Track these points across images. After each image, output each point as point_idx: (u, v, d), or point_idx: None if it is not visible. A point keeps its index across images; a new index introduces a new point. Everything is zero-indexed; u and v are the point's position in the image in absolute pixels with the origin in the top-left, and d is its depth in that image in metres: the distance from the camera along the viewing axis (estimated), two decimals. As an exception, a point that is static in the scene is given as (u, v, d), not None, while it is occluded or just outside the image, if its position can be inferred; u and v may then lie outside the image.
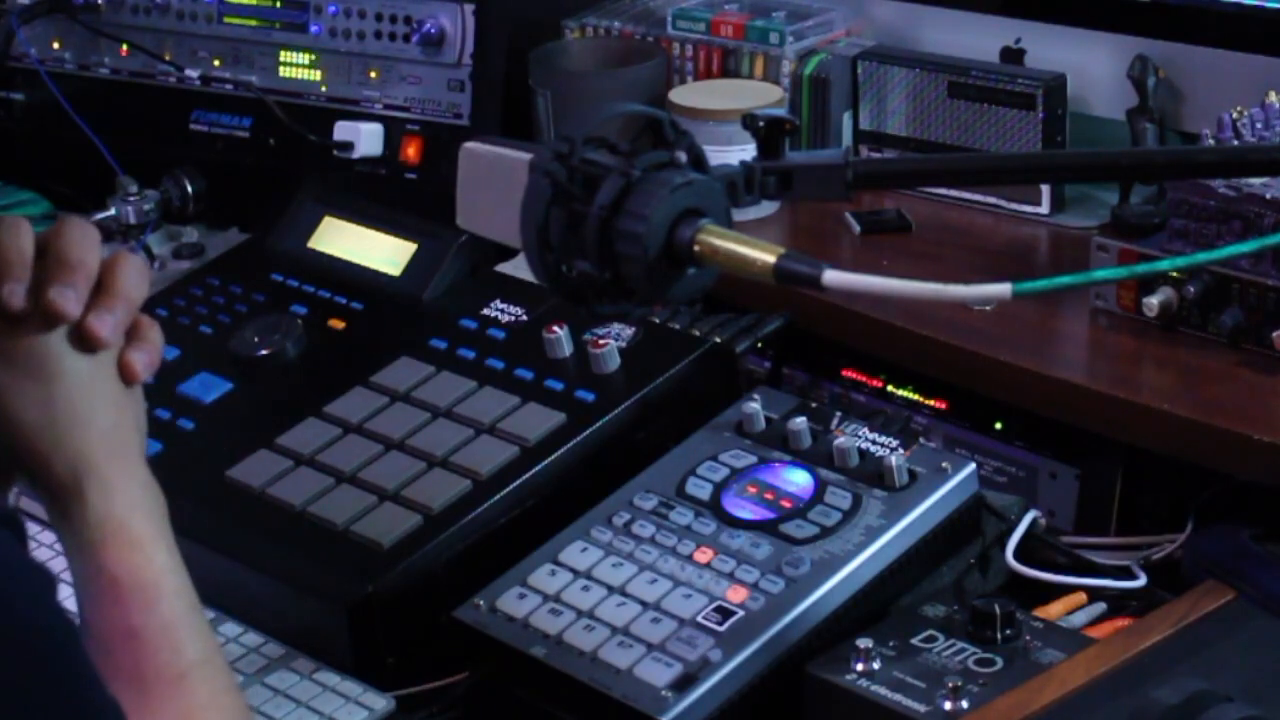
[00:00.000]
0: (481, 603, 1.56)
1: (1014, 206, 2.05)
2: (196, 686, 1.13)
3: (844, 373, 1.94)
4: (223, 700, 1.15)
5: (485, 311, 1.86)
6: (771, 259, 1.16)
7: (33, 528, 1.84)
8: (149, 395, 1.91)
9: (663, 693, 1.44)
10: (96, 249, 1.12)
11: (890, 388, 1.91)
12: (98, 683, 1.05)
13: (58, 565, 1.64)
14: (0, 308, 1.08)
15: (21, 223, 1.11)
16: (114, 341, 1.13)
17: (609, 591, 1.54)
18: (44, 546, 1.81)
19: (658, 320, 1.79)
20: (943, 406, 1.87)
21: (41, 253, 1.11)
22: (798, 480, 1.60)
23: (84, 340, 1.11)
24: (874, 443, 1.61)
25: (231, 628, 1.61)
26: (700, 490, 1.62)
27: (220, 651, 1.17)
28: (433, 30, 2.22)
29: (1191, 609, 1.50)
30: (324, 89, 2.31)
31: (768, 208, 2.06)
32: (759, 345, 1.79)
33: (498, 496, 1.64)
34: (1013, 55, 2.11)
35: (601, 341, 1.75)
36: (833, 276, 1.14)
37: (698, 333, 1.77)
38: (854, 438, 1.62)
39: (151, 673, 1.12)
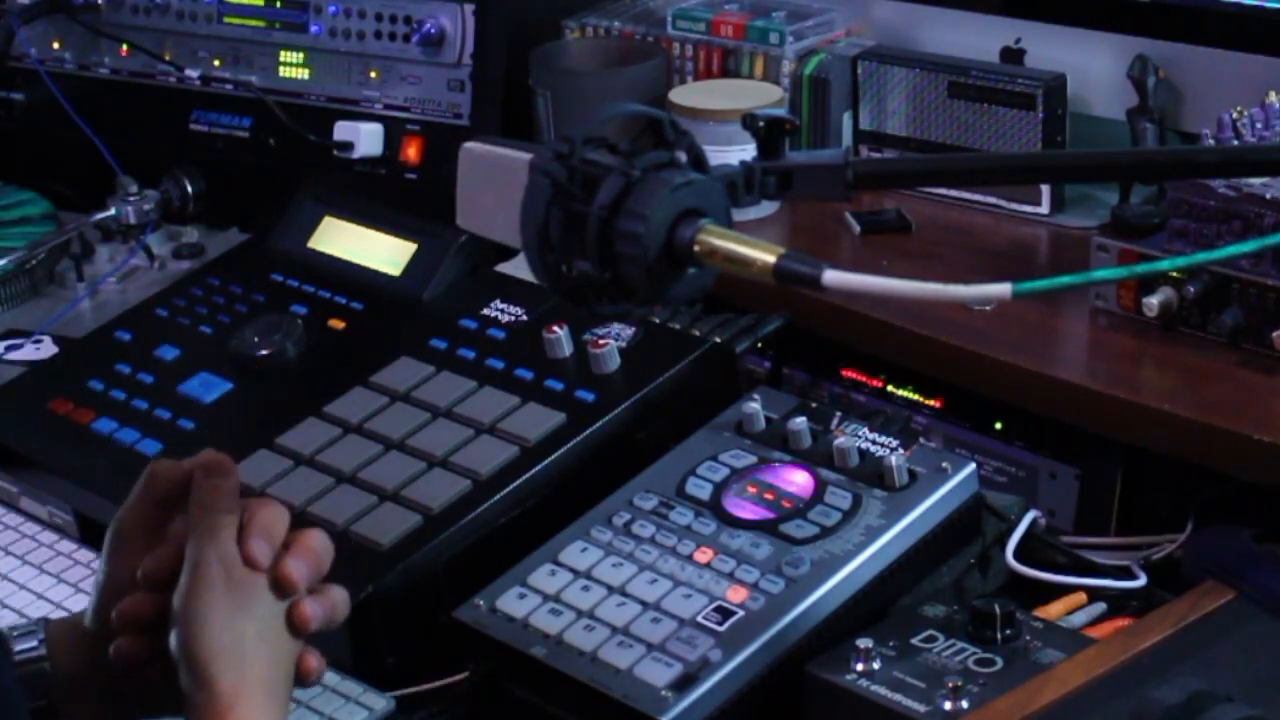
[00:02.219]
0: (481, 603, 1.56)
1: (1014, 206, 2.05)
2: None
3: (844, 373, 1.94)
4: None
5: (485, 311, 1.86)
6: (771, 259, 1.16)
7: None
8: (150, 394, 1.92)
9: (663, 693, 1.44)
10: (329, 561, 1.34)
11: (890, 388, 1.91)
12: None
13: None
14: (248, 558, 1.29)
15: (283, 510, 1.33)
16: (308, 631, 1.32)
17: (609, 591, 1.54)
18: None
19: (658, 320, 1.79)
20: (943, 406, 1.87)
21: (288, 541, 1.32)
22: (798, 480, 1.60)
23: (292, 620, 1.30)
24: (874, 443, 1.61)
25: (231, 628, 1.61)
26: (700, 490, 1.62)
27: None
28: (433, 30, 2.22)
29: (1191, 609, 1.50)
30: (324, 89, 2.31)
31: (768, 208, 2.06)
32: (759, 345, 1.79)
33: (498, 496, 1.64)
34: (1013, 55, 2.11)
35: (601, 341, 1.75)
36: (833, 276, 1.14)
37: (698, 333, 1.77)
38: (854, 438, 1.62)
39: None
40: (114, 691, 1.35)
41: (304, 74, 2.33)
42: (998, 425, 1.83)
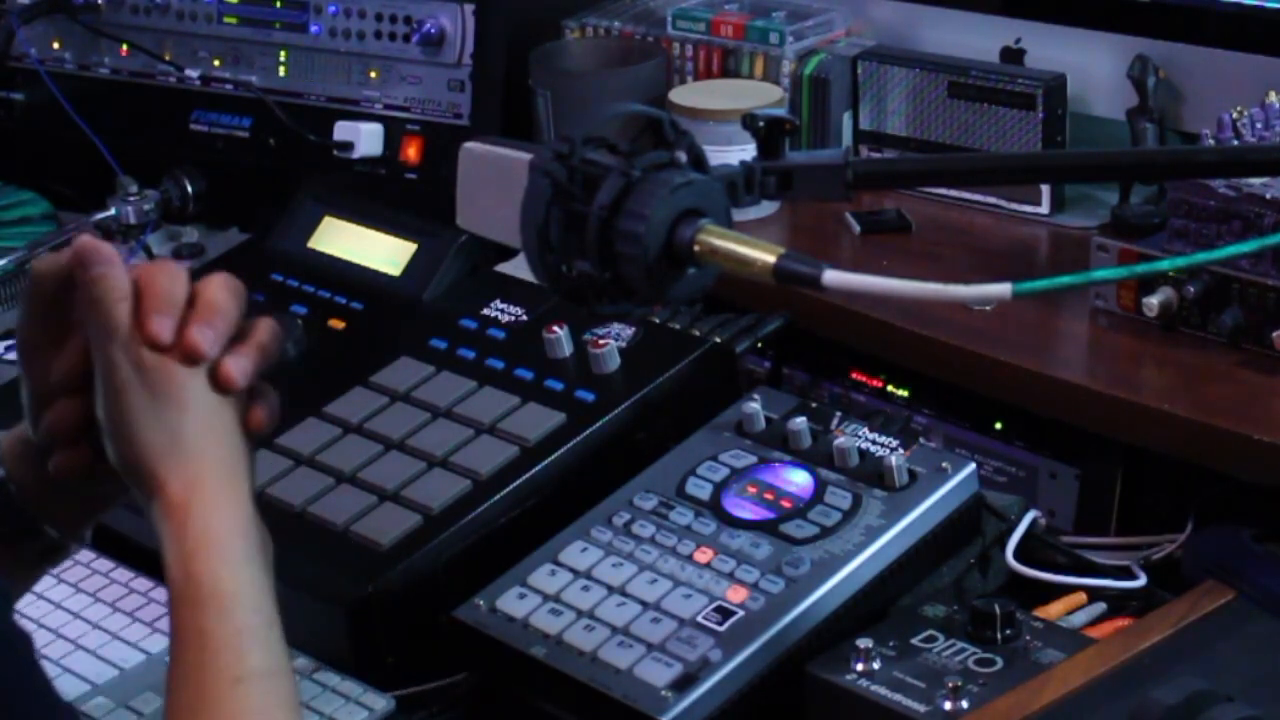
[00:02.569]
0: (481, 603, 1.56)
1: (1014, 206, 2.05)
2: (251, 694, 1.18)
3: (844, 373, 1.94)
4: (276, 714, 1.19)
5: (485, 311, 1.86)
6: (771, 259, 1.16)
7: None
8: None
9: (663, 693, 1.44)
10: (240, 302, 1.24)
11: (890, 388, 1.91)
12: (50, 692, 1.10)
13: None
14: (150, 337, 1.19)
15: (180, 268, 1.23)
16: (243, 385, 1.23)
17: (609, 591, 1.54)
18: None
19: (658, 320, 1.79)
20: (943, 406, 1.87)
21: (191, 298, 1.23)
22: (798, 480, 1.60)
23: (217, 380, 1.21)
24: (874, 443, 1.61)
25: (231, 628, 1.61)
26: (700, 490, 1.62)
27: (288, 672, 1.22)
28: (433, 30, 2.22)
29: (1191, 609, 1.50)
30: (324, 89, 2.31)
31: (768, 208, 2.06)
32: (759, 345, 1.79)
33: (498, 496, 1.64)
34: (1013, 55, 2.11)
35: (601, 341, 1.75)
36: (833, 276, 1.14)
37: (698, 333, 1.77)
38: (854, 438, 1.62)
39: (211, 674, 1.17)
40: (68, 496, 1.30)
41: (304, 74, 2.33)
42: (998, 425, 1.83)
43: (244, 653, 1.18)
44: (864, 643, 1.46)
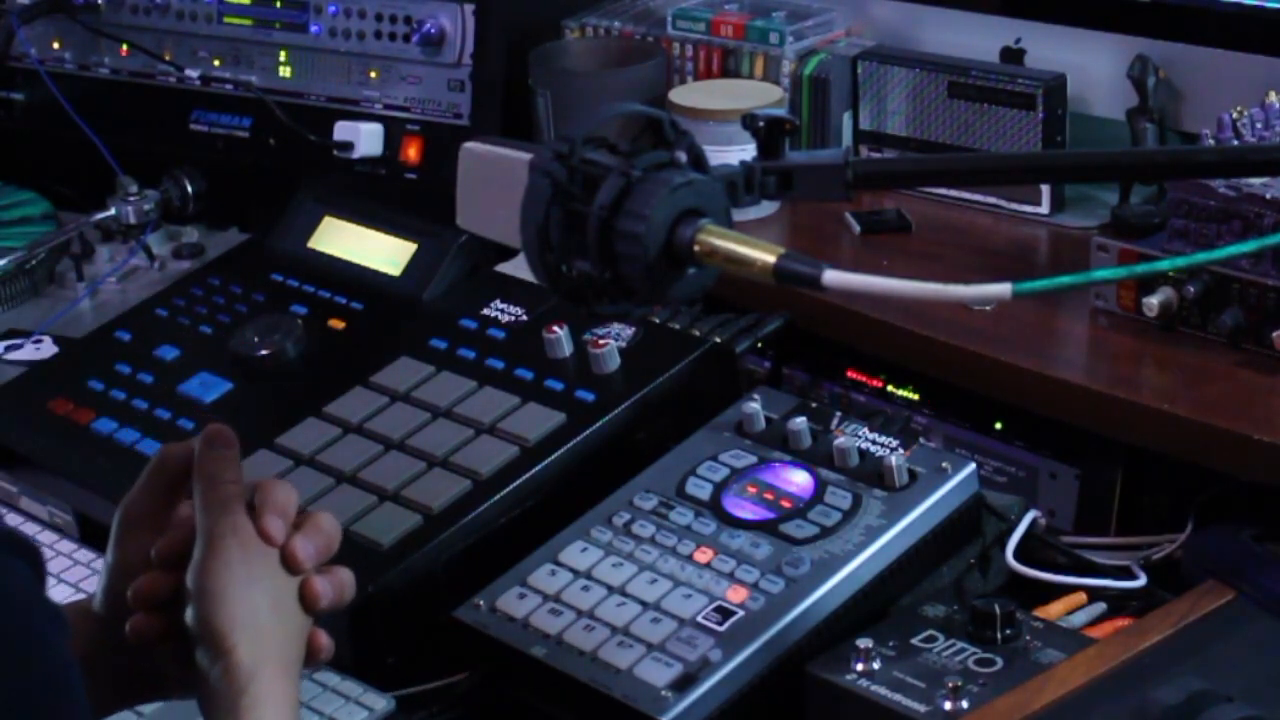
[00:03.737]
0: (481, 603, 1.56)
1: (1014, 206, 2.05)
2: None
3: (844, 373, 1.94)
4: None
5: (485, 311, 1.86)
6: (771, 259, 1.16)
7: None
8: (150, 394, 1.92)
9: (663, 693, 1.44)
10: (337, 544, 1.34)
11: (890, 388, 1.91)
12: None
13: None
14: (263, 531, 1.29)
15: (292, 488, 1.33)
16: (320, 609, 1.32)
17: (609, 591, 1.54)
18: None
19: (658, 320, 1.79)
20: (943, 406, 1.87)
21: (299, 522, 1.32)
22: (798, 480, 1.60)
23: (304, 595, 1.30)
24: (874, 443, 1.61)
25: (231, 628, 1.61)
26: (700, 490, 1.62)
27: None
28: (433, 30, 2.22)
29: (1191, 609, 1.50)
30: (324, 89, 2.31)
31: (768, 208, 2.06)
32: (759, 345, 1.79)
33: (498, 496, 1.64)
34: (1013, 55, 2.11)
35: (601, 341, 1.75)
36: (833, 276, 1.14)
37: (698, 333, 1.77)
38: (854, 438, 1.62)
39: None
40: (122, 674, 1.35)
41: (304, 74, 2.33)
42: (998, 425, 1.83)
43: None
44: (864, 643, 1.46)
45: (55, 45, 2.48)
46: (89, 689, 1.32)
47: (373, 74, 2.28)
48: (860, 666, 1.45)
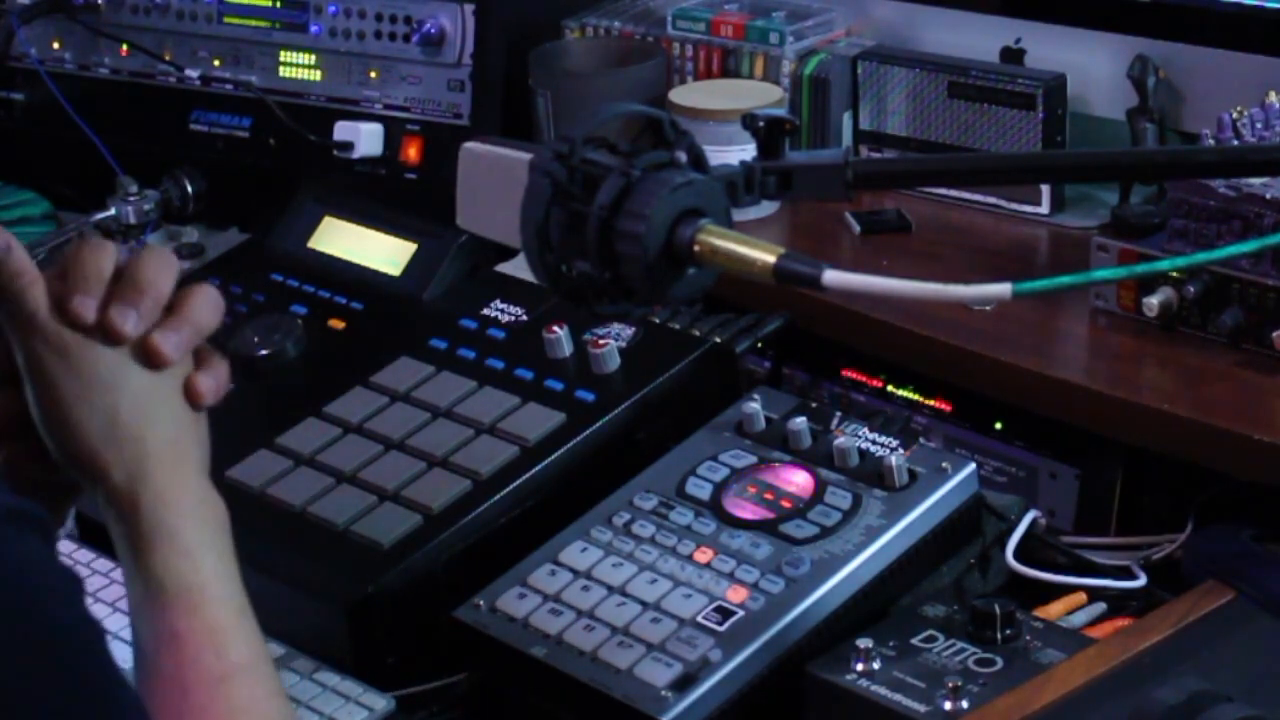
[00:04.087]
0: (481, 603, 1.56)
1: (1014, 206, 2.05)
2: (238, 689, 1.15)
3: (844, 373, 1.94)
4: (264, 705, 1.17)
5: (485, 311, 1.86)
6: (771, 259, 1.16)
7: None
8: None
9: (663, 693, 1.44)
10: (171, 276, 1.18)
11: (890, 388, 1.91)
12: (122, 683, 1.07)
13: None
14: (72, 319, 1.14)
15: (105, 243, 1.18)
16: (174, 360, 1.17)
17: (609, 591, 1.54)
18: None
19: (658, 320, 1.79)
20: (943, 406, 1.87)
21: (118, 275, 1.17)
22: (798, 480, 1.60)
23: (146, 357, 1.16)
24: (874, 443, 1.61)
25: (231, 628, 1.61)
26: (700, 490, 1.62)
27: (267, 658, 1.19)
28: (433, 30, 2.22)
29: (1191, 609, 1.50)
30: (324, 89, 2.31)
31: (768, 208, 2.06)
32: (759, 345, 1.79)
33: (498, 496, 1.64)
34: (1013, 55, 2.11)
35: (601, 341, 1.75)
36: (833, 276, 1.14)
37: (698, 333, 1.77)
38: (854, 438, 1.62)
39: (193, 676, 1.14)
40: (43, 487, 1.20)
41: (304, 74, 2.33)
42: (998, 425, 1.83)
43: (222, 649, 1.15)
44: (864, 643, 1.46)
45: (55, 45, 2.48)
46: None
47: (373, 74, 2.28)
48: (860, 666, 1.45)
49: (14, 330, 1.16)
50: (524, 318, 1.84)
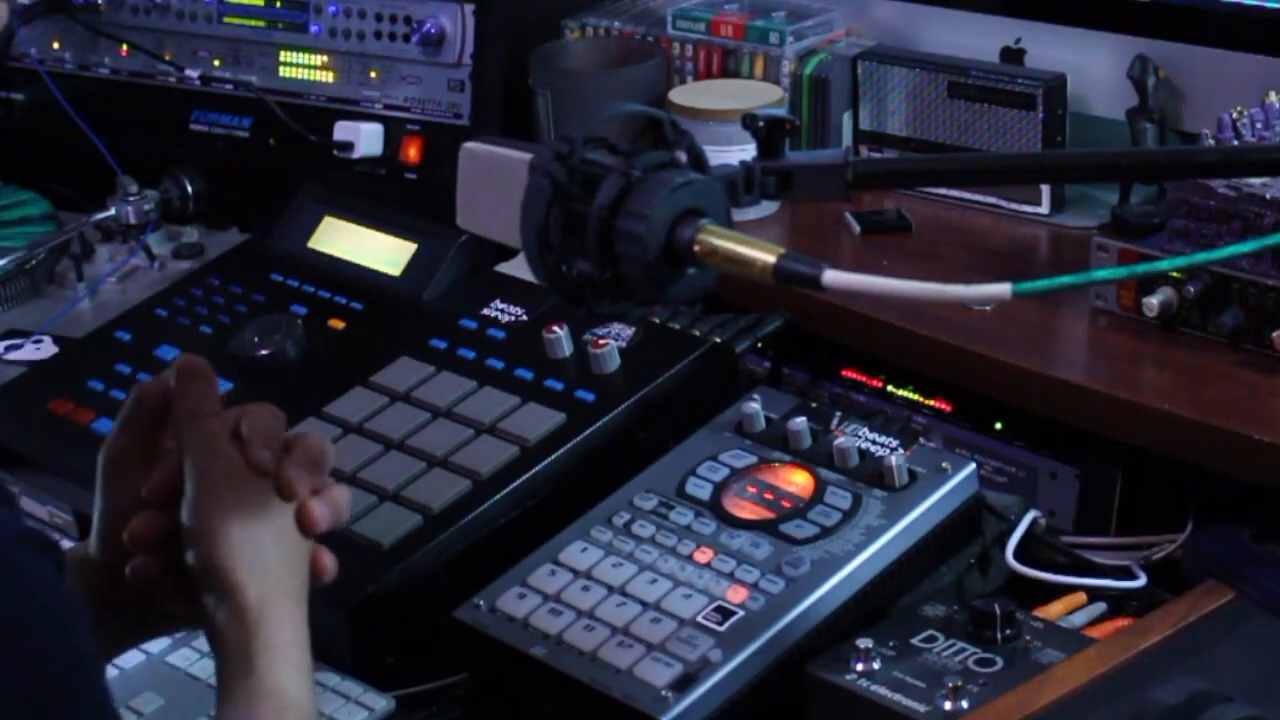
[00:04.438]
0: (481, 603, 1.56)
1: (1014, 206, 2.05)
2: None
3: (844, 373, 1.94)
4: None
5: (485, 311, 1.86)
6: (771, 259, 1.16)
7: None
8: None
9: (663, 693, 1.44)
10: (329, 464, 1.33)
11: (890, 388, 1.91)
12: (115, 715, 1.12)
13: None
14: (254, 464, 1.27)
15: (278, 412, 1.31)
16: (320, 530, 1.31)
17: (609, 591, 1.54)
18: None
19: (658, 320, 1.79)
20: (943, 406, 1.87)
21: (287, 444, 1.31)
22: (798, 480, 1.60)
23: (300, 521, 1.29)
24: (874, 443, 1.61)
25: (231, 628, 1.61)
26: (700, 490, 1.62)
27: None
28: (433, 30, 2.22)
29: (1191, 609, 1.50)
30: (324, 89, 2.31)
31: (768, 208, 2.06)
32: (759, 345, 1.79)
33: (498, 496, 1.64)
34: (1013, 55, 2.11)
35: (601, 341, 1.75)
36: (833, 276, 1.14)
37: (698, 333, 1.77)
38: (854, 438, 1.62)
39: None
40: (128, 613, 1.34)
41: (304, 74, 2.33)
42: (998, 425, 1.83)
43: None
44: (864, 643, 1.46)
45: (55, 45, 2.48)
46: (95, 632, 1.31)
47: (373, 74, 2.28)
48: (860, 666, 1.45)
49: (196, 449, 1.27)
50: (524, 318, 1.84)
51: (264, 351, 1.89)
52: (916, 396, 1.89)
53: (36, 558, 1.09)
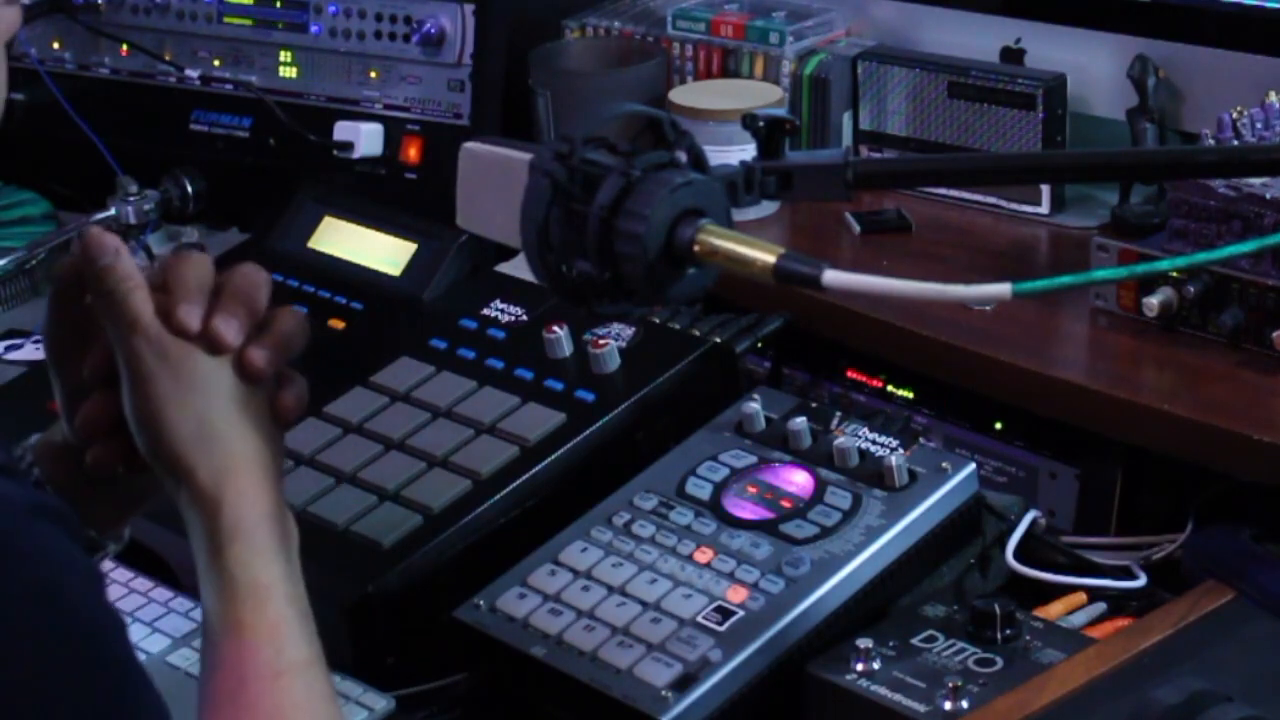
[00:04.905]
0: (481, 603, 1.56)
1: (1014, 206, 2.05)
2: (293, 686, 1.19)
3: (844, 373, 1.94)
4: (317, 705, 1.21)
5: (485, 311, 1.86)
6: (771, 259, 1.16)
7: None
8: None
9: (663, 693, 1.44)
10: (265, 292, 1.26)
11: (890, 388, 1.91)
12: (142, 677, 1.10)
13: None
14: (177, 326, 1.20)
15: (203, 256, 1.25)
16: (267, 374, 1.24)
17: (609, 591, 1.54)
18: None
19: (658, 320, 1.79)
20: (943, 406, 1.87)
21: (217, 288, 1.24)
22: (798, 480, 1.60)
23: (242, 369, 1.22)
24: (874, 443, 1.61)
25: (231, 628, 1.61)
26: (700, 490, 1.62)
27: (323, 663, 1.23)
28: (433, 30, 2.22)
29: (1191, 609, 1.50)
30: (324, 89, 2.31)
31: (768, 208, 2.06)
32: (759, 345, 1.79)
33: (498, 496, 1.64)
34: (1013, 55, 2.11)
35: (601, 341, 1.75)
36: (833, 276, 1.14)
37: (698, 333, 1.77)
38: (854, 438, 1.62)
39: (251, 668, 1.18)
40: (106, 493, 1.31)
41: (304, 74, 2.33)
42: (998, 425, 1.83)
43: (283, 646, 1.19)
44: (864, 643, 1.46)
45: (55, 45, 2.48)
46: (89, 513, 1.28)
47: (373, 74, 2.28)
48: (860, 666, 1.45)
49: (117, 332, 1.21)
50: (524, 318, 1.84)
51: (264, 351, 1.88)
52: (916, 396, 1.89)
53: (45, 525, 1.08)
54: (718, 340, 1.76)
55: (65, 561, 1.08)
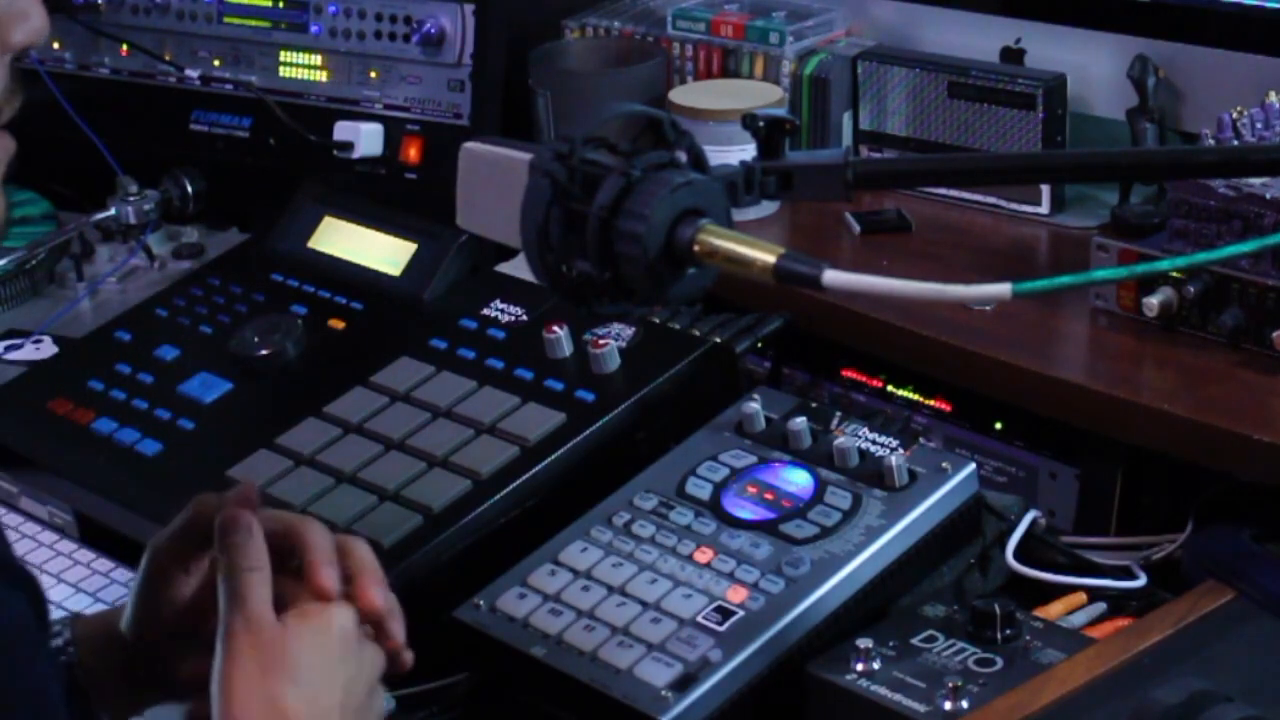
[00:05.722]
0: (481, 603, 1.56)
1: (1014, 206, 2.05)
2: None
3: (844, 373, 1.94)
4: None
5: (485, 311, 1.86)
6: (771, 259, 1.16)
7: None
8: (149, 394, 1.92)
9: (663, 693, 1.44)
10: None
11: (890, 388, 1.91)
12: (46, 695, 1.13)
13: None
14: (319, 589, 1.30)
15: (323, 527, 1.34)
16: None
17: (609, 591, 1.54)
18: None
19: (658, 320, 1.79)
20: (943, 406, 1.87)
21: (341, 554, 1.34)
22: (798, 480, 1.60)
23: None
24: (874, 443, 1.61)
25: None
26: (700, 490, 1.62)
27: None
28: (433, 30, 2.23)
29: (1191, 609, 1.50)
30: (324, 89, 2.31)
31: (768, 208, 2.06)
32: (759, 345, 1.79)
33: (498, 496, 1.64)
34: (1013, 55, 2.12)
35: (601, 341, 1.75)
36: (833, 276, 1.14)
37: (698, 333, 1.77)
38: (854, 438, 1.62)
39: None
40: (140, 686, 1.36)
41: (304, 74, 2.33)
42: (998, 425, 1.83)
43: None
44: (864, 643, 1.46)
45: (55, 45, 2.48)
46: (103, 700, 1.34)
47: (373, 74, 2.28)
48: (860, 666, 1.45)
49: (226, 602, 1.27)
50: (524, 318, 1.84)
51: (264, 351, 1.89)
52: (916, 396, 1.89)
53: (7, 592, 1.10)
54: (718, 340, 1.76)
55: (20, 634, 1.10)
